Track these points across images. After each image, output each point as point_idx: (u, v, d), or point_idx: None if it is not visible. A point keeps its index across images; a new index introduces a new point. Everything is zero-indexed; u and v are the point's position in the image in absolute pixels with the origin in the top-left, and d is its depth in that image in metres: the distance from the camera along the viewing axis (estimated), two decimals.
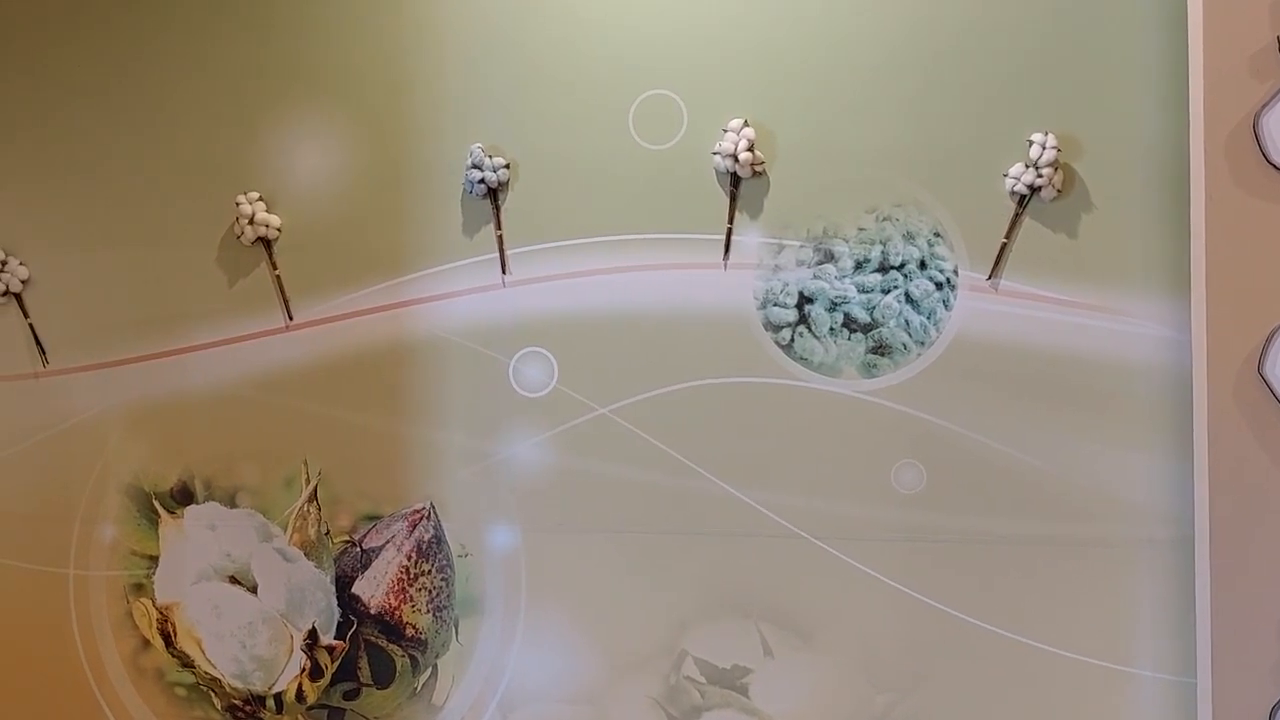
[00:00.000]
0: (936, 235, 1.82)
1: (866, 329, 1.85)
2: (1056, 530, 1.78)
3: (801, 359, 1.86)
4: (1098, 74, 1.77)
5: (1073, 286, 1.78)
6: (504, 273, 1.94)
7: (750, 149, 1.84)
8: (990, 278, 1.81)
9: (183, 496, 2.06)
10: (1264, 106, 1.64)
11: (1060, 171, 1.77)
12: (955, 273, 1.82)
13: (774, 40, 1.86)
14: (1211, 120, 1.64)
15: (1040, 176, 1.77)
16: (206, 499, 2.05)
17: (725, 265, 1.87)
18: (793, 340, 1.86)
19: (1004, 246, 1.80)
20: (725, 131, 1.86)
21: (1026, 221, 1.79)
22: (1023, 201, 1.79)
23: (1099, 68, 1.77)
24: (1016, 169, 1.79)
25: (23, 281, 2.10)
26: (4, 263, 2.10)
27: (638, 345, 1.89)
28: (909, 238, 1.83)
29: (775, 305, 1.86)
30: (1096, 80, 1.77)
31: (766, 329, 1.87)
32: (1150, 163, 1.75)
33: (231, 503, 2.04)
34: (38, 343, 2.10)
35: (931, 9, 1.82)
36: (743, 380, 1.87)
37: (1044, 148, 1.77)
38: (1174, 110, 1.72)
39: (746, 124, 1.85)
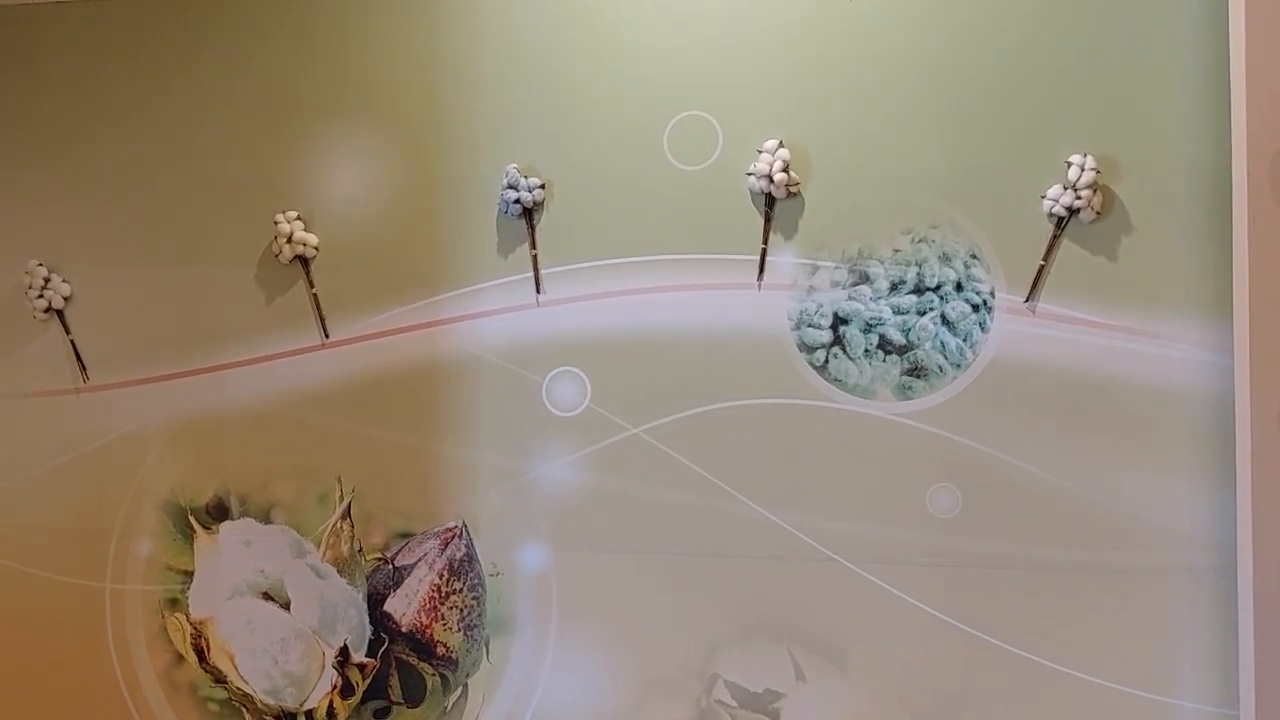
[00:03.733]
0: (973, 257, 1.82)
1: (902, 351, 1.84)
2: (1095, 557, 1.77)
3: (836, 380, 1.85)
4: (1137, 94, 1.77)
5: (1112, 309, 1.77)
6: (538, 292, 1.94)
7: (785, 170, 1.85)
8: (1028, 300, 1.80)
9: (218, 512, 2.06)
10: None
11: (1099, 193, 1.77)
12: (992, 295, 1.81)
13: (809, 61, 1.87)
14: (1254, 141, 1.64)
15: (1079, 198, 1.77)
16: (241, 515, 2.05)
17: (760, 286, 1.87)
18: (827, 361, 1.86)
19: (1042, 269, 1.79)
20: (760, 152, 1.87)
21: (1065, 243, 1.79)
22: (1061, 223, 1.79)
23: (1138, 88, 1.77)
24: (1054, 190, 1.79)
25: (65, 298, 2.11)
26: (47, 280, 2.11)
27: (671, 365, 1.89)
28: (945, 259, 1.82)
29: (810, 326, 1.86)
30: (1135, 101, 1.77)
31: (801, 350, 1.86)
32: (1191, 184, 1.75)
33: (266, 519, 2.04)
34: (78, 359, 2.10)
35: (968, 30, 1.82)
36: (776, 401, 1.86)
37: (1082, 169, 1.77)
38: (1215, 131, 1.72)
39: (781, 145, 1.86)
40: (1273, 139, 1.63)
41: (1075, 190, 1.77)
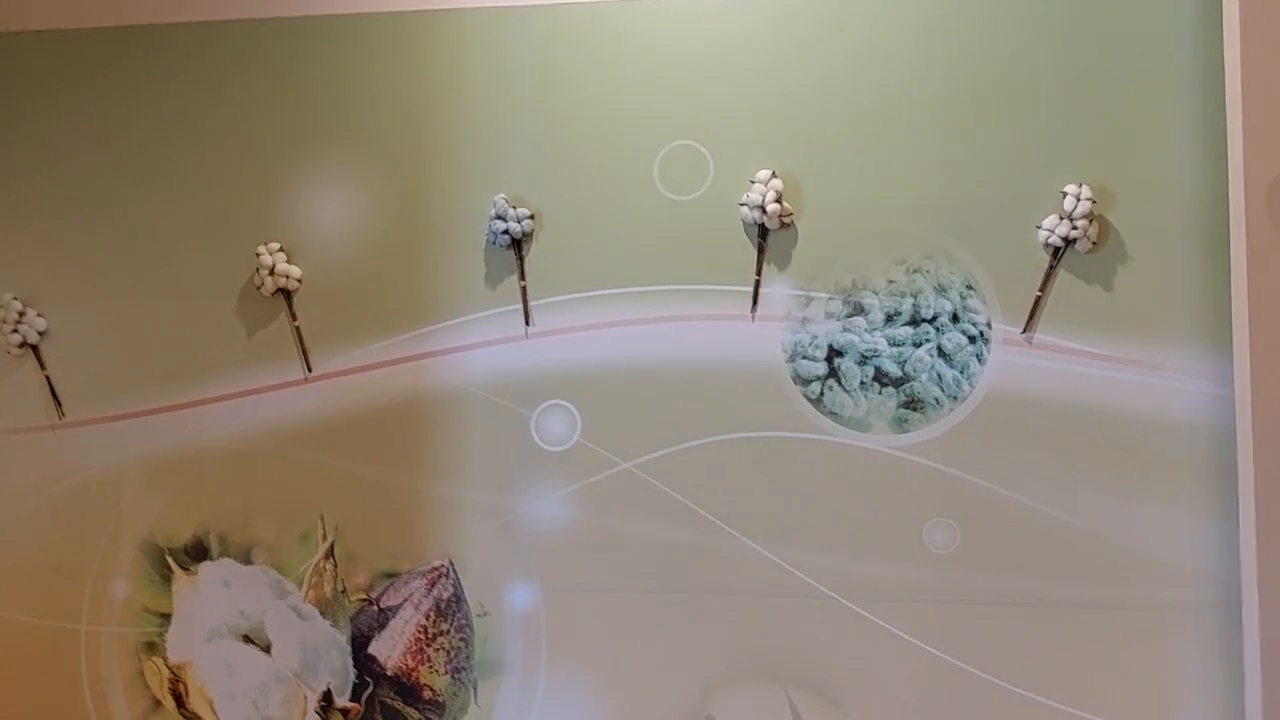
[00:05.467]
0: (969, 288, 1.80)
1: (898, 383, 1.82)
2: (1095, 593, 1.76)
3: (831, 413, 1.83)
4: (1132, 123, 1.76)
5: (1109, 340, 1.76)
6: (527, 324, 1.92)
7: (778, 200, 1.83)
8: (1025, 331, 1.79)
9: (197, 552, 2.03)
10: None
11: (1095, 223, 1.75)
12: (988, 326, 1.80)
13: (802, 90, 1.85)
14: (1252, 168, 1.63)
15: (1075, 228, 1.75)
16: (221, 555, 2.01)
17: (753, 317, 1.85)
18: (822, 394, 1.84)
19: (1038, 299, 1.78)
20: (753, 183, 1.85)
21: (1061, 274, 1.78)
22: (1057, 254, 1.78)
23: (1133, 117, 1.76)
24: (1050, 221, 1.77)
25: (40, 333, 2.05)
26: (22, 314, 2.08)
27: (663, 398, 1.87)
28: (940, 290, 1.81)
29: (804, 358, 1.84)
30: (1131, 130, 1.76)
31: (795, 382, 1.84)
32: (1188, 213, 1.74)
33: (246, 559, 2.00)
34: (54, 395, 2.06)
35: (962, 59, 1.81)
36: (770, 435, 1.84)
37: (1078, 199, 1.75)
38: (1212, 159, 1.72)
39: (774, 175, 1.84)
40: (1270, 165, 1.62)
41: (1071, 220, 1.76)
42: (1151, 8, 1.75)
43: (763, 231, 1.85)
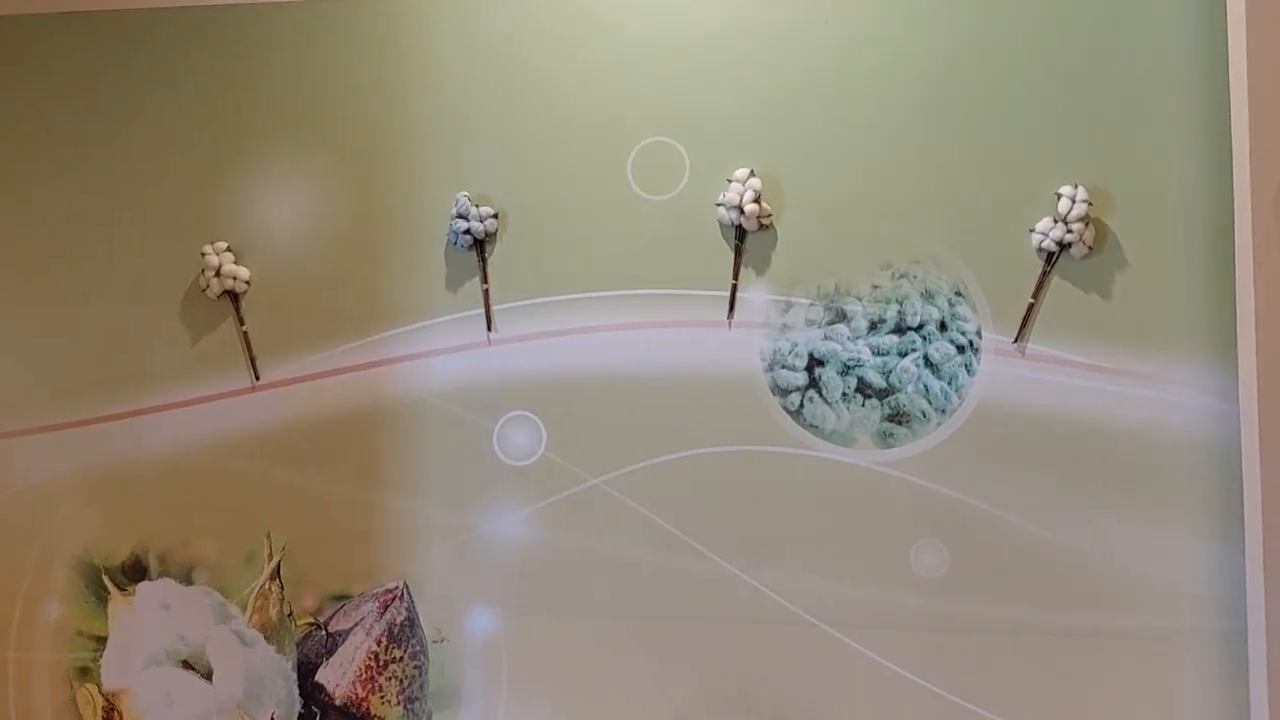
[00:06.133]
0: (958, 294, 1.79)
1: (882, 395, 1.80)
2: (1092, 620, 1.74)
3: (812, 426, 1.81)
4: (1130, 121, 1.75)
5: (1106, 351, 1.74)
6: (490, 330, 1.89)
7: (757, 200, 1.81)
8: (1016, 341, 1.77)
9: (135, 572, 1.99)
10: None
11: (1091, 227, 1.74)
12: (978, 335, 1.78)
13: (783, 85, 1.84)
14: (1259, 169, 1.61)
15: (1070, 232, 1.74)
16: (160, 575, 1.98)
17: (730, 324, 1.83)
18: (802, 405, 1.81)
19: (1031, 307, 1.76)
20: (730, 181, 1.83)
21: (1055, 280, 1.76)
22: (1051, 259, 1.76)
23: (1131, 114, 1.75)
24: (1044, 224, 1.76)
25: None
26: None
27: (634, 410, 1.84)
28: (928, 297, 1.79)
29: (783, 367, 1.82)
30: (1129, 128, 1.75)
31: (774, 393, 1.82)
32: (1189, 216, 1.73)
33: (187, 579, 1.97)
34: None
35: (952, 51, 1.80)
36: (748, 449, 1.82)
37: (1074, 201, 1.74)
38: (1215, 159, 1.72)
39: (753, 174, 1.82)
40: (1278, 166, 1.60)
41: (1066, 223, 1.74)
42: (1152, 3, 1.75)
43: (740, 233, 1.83)
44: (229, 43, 1.97)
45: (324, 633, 1.92)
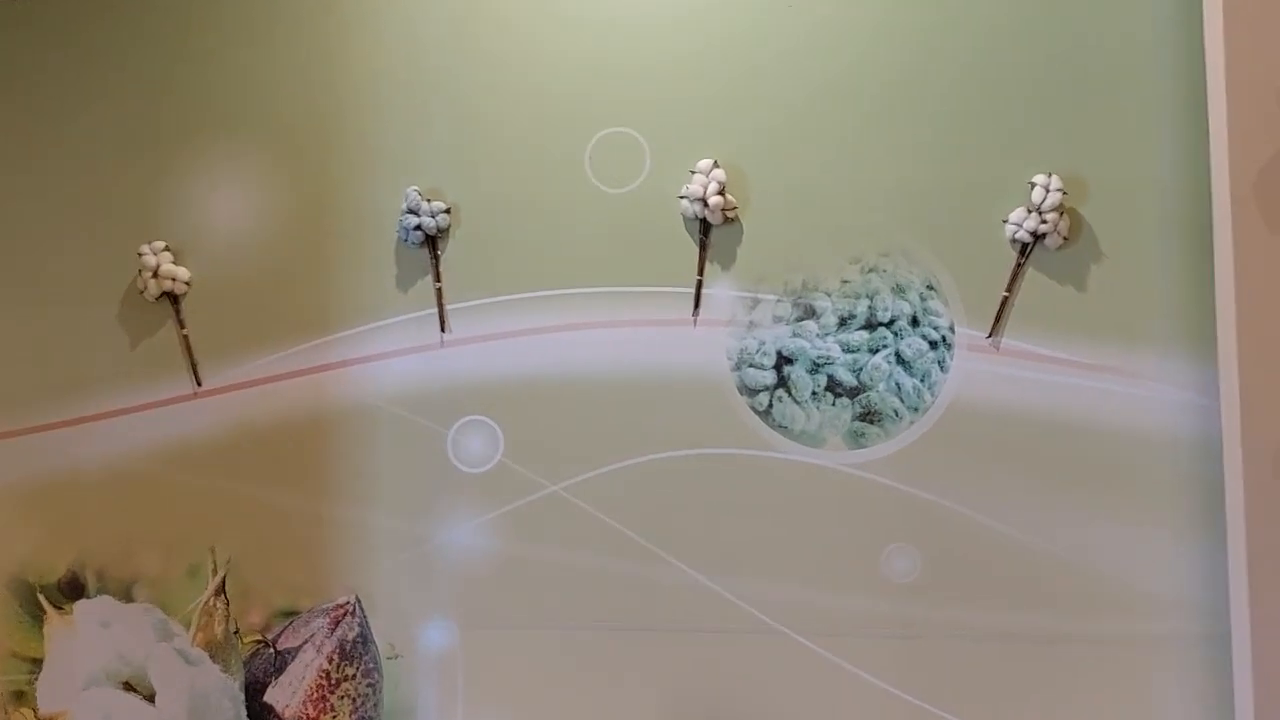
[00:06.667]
0: (929, 288, 1.78)
1: (853, 393, 1.78)
2: (1070, 625, 1.72)
3: (781, 427, 1.80)
4: (1104, 108, 1.74)
5: (1083, 345, 1.73)
6: (443, 331, 1.88)
7: (721, 192, 1.80)
8: (990, 336, 1.76)
9: (72, 590, 1.98)
10: None
11: (1065, 217, 1.73)
12: (951, 330, 1.77)
13: (747, 73, 1.83)
14: (1237, 156, 1.58)
15: (1044, 222, 1.73)
16: (99, 592, 1.96)
17: (695, 322, 1.83)
18: (771, 405, 1.80)
19: (1005, 300, 1.75)
20: (693, 173, 1.82)
21: (1029, 272, 1.75)
22: (1025, 250, 1.75)
23: (1106, 101, 1.74)
24: (1018, 214, 1.75)
25: None
26: None
27: (595, 413, 1.83)
28: (899, 291, 1.78)
29: (751, 366, 1.80)
30: (1103, 114, 1.74)
31: (741, 393, 1.81)
32: (1165, 206, 1.72)
33: (127, 596, 1.96)
34: None
35: (920, 38, 1.79)
36: (715, 452, 1.80)
37: (1047, 190, 1.73)
38: (1192, 146, 1.70)
39: (716, 165, 1.82)
40: (1258, 154, 1.56)
41: (1040, 213, 1.73)
42: None
43: (705, 227, 1.83)
44: (167, 31, 1.96)
45: (272, 650, 1.91)
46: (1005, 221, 1.74)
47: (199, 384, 1.93)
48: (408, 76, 1.90)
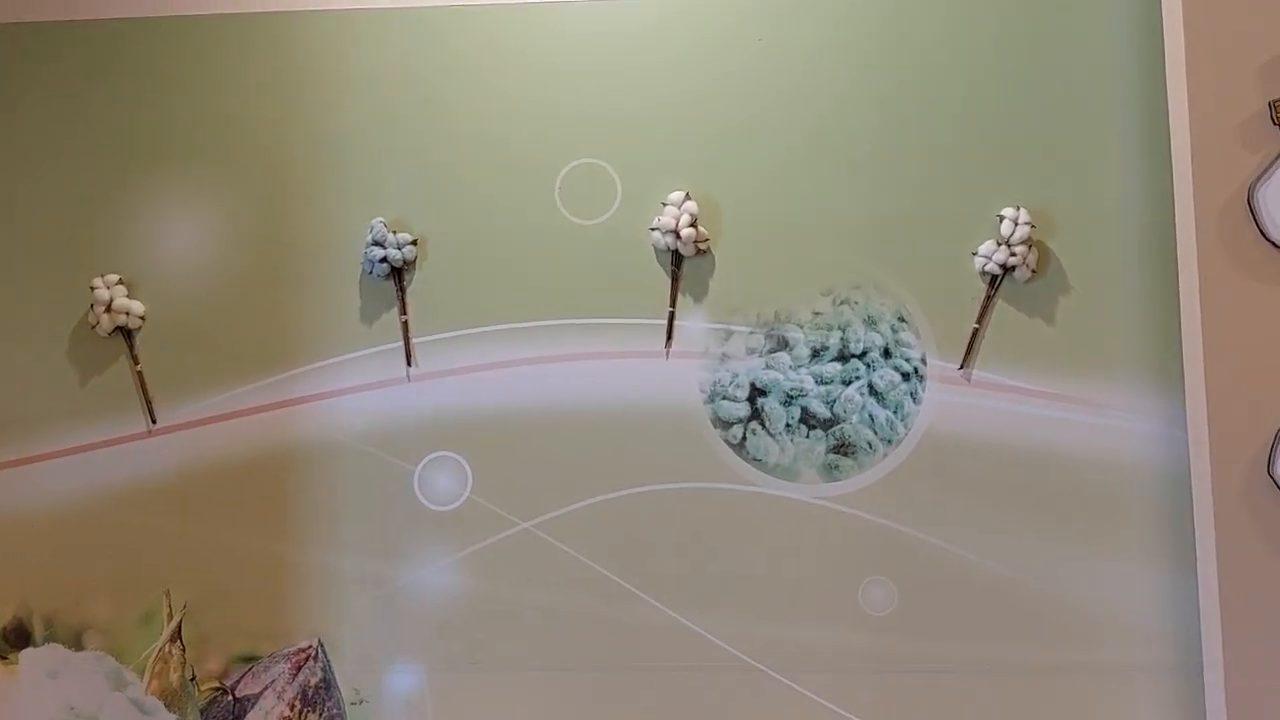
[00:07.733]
0: (901, 320, 1.79)
1: (826, 425, 1.79)
2: (1044, 656, 1.73)
3: (755, 460, 1.80)
4: (1071, 145, 1.78)
5: (1053, 377, 1.75)
6: (409, 365, 1.87)
7: (693, 224, 1.80)
8: (962, 367, 1.78)
9: (18, 638, 1.92)
10: (1259, 179, 1.62)
11: (1034, 249, 1.76)
12: (923, 362, 1.79)
13: (718, 106, 1.84)
14: (1202, 194, 1.62)
15: (1013, 255, 1.75)
16: (47, 640, 1.91)
17: (667, 354, 1.83)
18: (745, 438, 1.80)
19: (976, 332, 1.77)
20: (665, 205, 1.82)
21: (999, 305, 1.78)
22: (995, 282, 1.77)
23: (1073, 138, 1.78)
24: (987, 247, 1.77)
25: None
26: None
27: (566, 448, 1.82)
28: (870, 323, 1.80)
29: (724, 398, 1.80)
30: (1070, 151, 1.78)
31: (715, 425, 1.80)
32: (1132, 238, 1.78)
33: (77, 644, 1.91)
34: None
35: (892, 75, 1.82)
36: (688, 486, 1.80)
37: (1016, 224, 1.75)
38: (1156, 183, 1.77)
39: (688, 197, 1.82)
40: (1221, 187, 1.60)
41: (1009, 246, 1.76)
42: (1090, 25, 1.80)
43: (677, 259, 1.83)
44: (123, 59, 1.94)
45: (231, 698, 1.88)
46: (975, 254, 1.77)
47: (154, 421, 1.89)
48: (374, 106, 1.89)
